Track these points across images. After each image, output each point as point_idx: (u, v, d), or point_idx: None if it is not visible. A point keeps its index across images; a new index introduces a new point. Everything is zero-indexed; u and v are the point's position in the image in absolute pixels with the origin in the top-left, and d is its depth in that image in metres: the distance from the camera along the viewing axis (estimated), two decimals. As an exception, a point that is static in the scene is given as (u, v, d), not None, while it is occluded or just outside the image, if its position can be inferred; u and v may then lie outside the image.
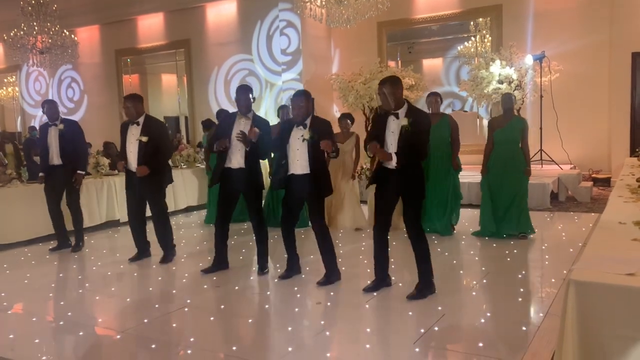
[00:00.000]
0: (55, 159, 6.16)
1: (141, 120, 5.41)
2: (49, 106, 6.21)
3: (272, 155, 5.73)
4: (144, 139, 5.31)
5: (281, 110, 7.21)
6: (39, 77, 15.75)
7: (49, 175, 6.23)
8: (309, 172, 4.54)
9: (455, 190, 6.44)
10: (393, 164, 4.08)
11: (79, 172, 6.18)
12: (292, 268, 4.89)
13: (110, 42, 14.28)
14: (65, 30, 11.78)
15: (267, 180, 5.88)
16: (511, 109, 6.11)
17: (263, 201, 5.47)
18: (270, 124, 5.23)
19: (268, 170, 7.10)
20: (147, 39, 13.68)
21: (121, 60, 14.34)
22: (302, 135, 4.48)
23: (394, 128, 4.10)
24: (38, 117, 16.15)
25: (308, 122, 4.55)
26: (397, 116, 4.09)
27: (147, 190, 5.47)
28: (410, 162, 4.07)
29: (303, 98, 4.54)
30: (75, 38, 12.25)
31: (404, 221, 4.25)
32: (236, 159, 4.86)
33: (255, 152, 4.88)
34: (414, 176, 4.10)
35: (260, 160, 5.08)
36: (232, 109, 12.42)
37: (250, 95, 4.96)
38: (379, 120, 4.29)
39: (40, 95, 16.01)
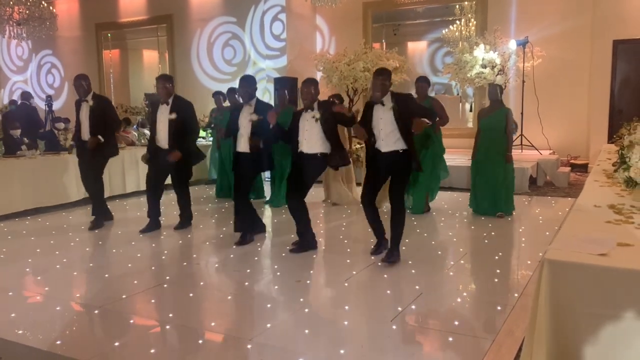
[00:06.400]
0: (85, 134, 6.09)
1: (170, 100, 5.65)
2: (78, 82, 6.04)
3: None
4: (173, 116, 5.58)
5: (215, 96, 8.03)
6: (22, 42, 15.32)
7: (81, 150, 6.22)
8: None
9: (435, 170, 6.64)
10: (387, 147, 4.51)
11: (98, 136, 5.98)
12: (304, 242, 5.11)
13: (90, 15, 13.95)
14: (43, 2, 11.47)
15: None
16: (497, 100, 6.31)
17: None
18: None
19: None
20: (128, 13, 13.39)
21: (101, 34, 14.04)
22: (314, 116, 4.80)
23: (382, 115, 4.51)
24: (9, 84, 15.73)
25: (316, 105, 4.86)
26: (382, 104, 4.51)
27: (175, 166, 5.72)
28: (406, 142, 4.48)
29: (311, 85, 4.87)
30: (54, 10, 11.95)
31: (390, 193, 4.63)
32: (243, 145, 5.23)
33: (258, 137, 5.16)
34: (403, 158, 4.52)
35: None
36: (217, 75, 12.36)
37: (249, 87, 5.22)
38: (366, 111, 4.69)
39: (22, 61, 15.60)
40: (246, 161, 5.24)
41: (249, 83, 5.23)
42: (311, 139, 4.81)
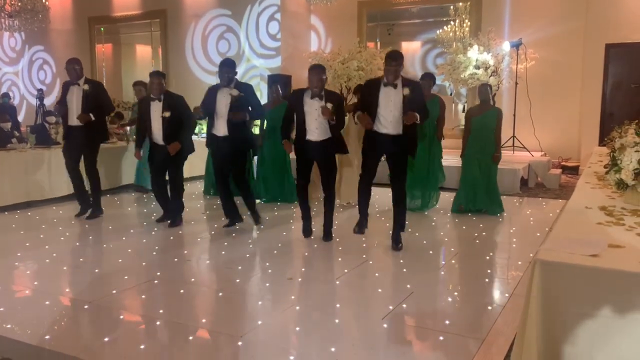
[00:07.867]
0: (73, 118, 5.91)
1: (162, 96, 5.64)
2: (71, 65, 5.91)
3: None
4: (167, 114, 5.58)
5: (136, 87, 7.76)
6: (14, 33, 15.18)
7: (68, 136, 6.06)
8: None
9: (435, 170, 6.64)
10: (395, 131, 4.62)
11: (90, 114, 5.83)
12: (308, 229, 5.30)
13: (83, 8, 13.85)
14: (35, -6, 11.37)
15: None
16: (487, 100, 6.34)
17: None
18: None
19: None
20: (122, 7, 13.32)
21: (94, 28, 13.94)
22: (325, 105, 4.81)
23: (392, 97, 4.59)
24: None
25: (324, 94, 4.89)
26: (394, 86, 4.59)
27: (169, 159, 5.71)
28: (410, 126, 4.59)
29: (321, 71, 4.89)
30: (46, 2, 11.84)
31: (392, 182, 4.82)
32: (222, 128, 5.28)
33: (237, 121, 5.24)
34: (404, 142, 4.66)
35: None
36: (211, 68, 12.29)
37: (230, 71, 5.23)
38: (370, 90, 4.70)
39: (15, 52, 15.44)
40: (226, 143, 5.30)
41: (229, 67, 5.26)
42: (321, 127, 4.88)
